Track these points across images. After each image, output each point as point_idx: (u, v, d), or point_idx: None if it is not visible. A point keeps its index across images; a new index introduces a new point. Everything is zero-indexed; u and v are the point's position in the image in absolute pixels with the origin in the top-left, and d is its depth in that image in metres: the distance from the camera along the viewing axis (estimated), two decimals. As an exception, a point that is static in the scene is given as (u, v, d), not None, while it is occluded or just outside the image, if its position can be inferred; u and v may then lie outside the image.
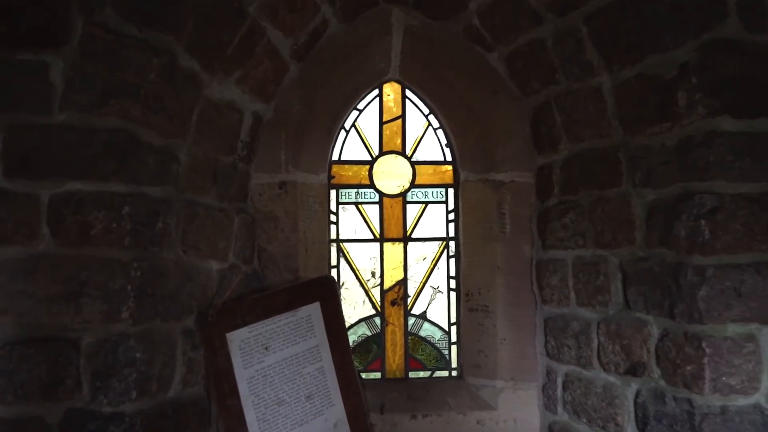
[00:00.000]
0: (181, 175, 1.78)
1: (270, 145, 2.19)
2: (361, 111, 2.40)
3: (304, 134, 2.23)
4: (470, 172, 2.34)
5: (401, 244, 2.39)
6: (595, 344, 2.02)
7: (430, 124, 2.42)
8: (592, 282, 2.03)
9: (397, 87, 2.42)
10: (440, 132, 2.43)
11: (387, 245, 2.38)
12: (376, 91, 2.40)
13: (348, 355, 2.15)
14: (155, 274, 1.60)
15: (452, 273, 2.40)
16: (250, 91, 1.99)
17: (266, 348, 1.96)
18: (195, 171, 1.86)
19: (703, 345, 1.58)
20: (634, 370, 1.82)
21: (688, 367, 1.61)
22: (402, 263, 2.38)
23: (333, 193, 2.34)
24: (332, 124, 2.29)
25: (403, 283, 2.38)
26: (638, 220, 1.84)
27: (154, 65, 1.52)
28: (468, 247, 2.32)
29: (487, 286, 2.28)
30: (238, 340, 1.90)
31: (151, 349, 1.56)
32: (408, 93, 2.41)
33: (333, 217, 2.34)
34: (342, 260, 2.36)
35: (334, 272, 2.33)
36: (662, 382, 1.72)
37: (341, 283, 2.37)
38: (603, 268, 1.97)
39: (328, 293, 2.07)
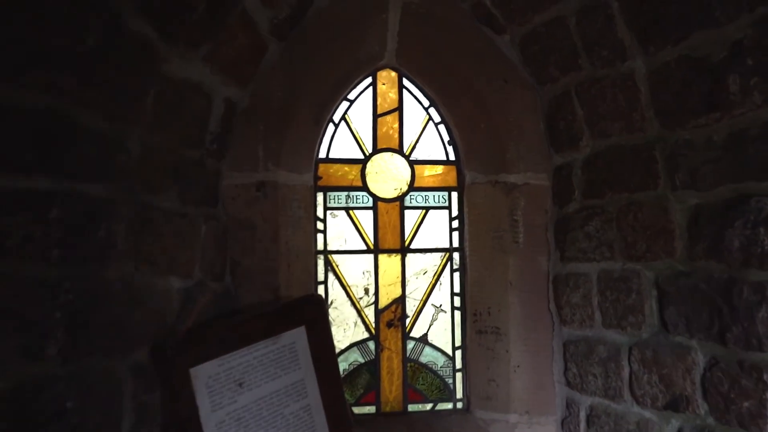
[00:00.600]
0: (131, 171, 1.49)
1: (246, 138, 1.96)
2: (352, 102, 2.21)
3: (287, 127, 2.02)
4: (477, 173, 2.17)
5: (398, 256, 2.21)
6: (626, 373, 1.86)
7: (430, 118, 2.25)
8: (622, 300, 1.86)
9: (394, 75, 2.25)
10: (442, 127, 2.26)
11: (382, 257, 2.20)
12: (369, 79, 2.22)
13: (338, 389, 1.85)
14: (94, 296, 1.32)
15: (457, 289, 2.23)
16: (221, 72, 1.75)
17: (240, 385, 1.63)
18: (150, 166, 1.57)
19: (765, 377, 1.40)
20: (675, 404, 1.66)
21: (745, 403, 1.45)
22: (399, 278, 2.20)
23: (320, 196, 2.15)
24: (319, 116, 2.08)
25: (400, 301, 2.20)
26: (678, 229, 1.67)
27: (92, 26, 1.17)
28: (475, 259, 2.14)
29: (497, 305, 2.11)
30: (204, 376, 1.55)
31: (88, 394, 1.28)
32: (406, 82, 2.24)
33: (320, 225, 2.16)
34: (330, 275, 2.17)
35: (321, 289, 2.14)
36: (710, 420, 1.55)
37: (329, 302, 2.16)
38: (635, 285, 1.82)
39: (316, 316, 1.83)
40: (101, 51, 1.32)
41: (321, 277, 2.15)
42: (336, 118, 2.19)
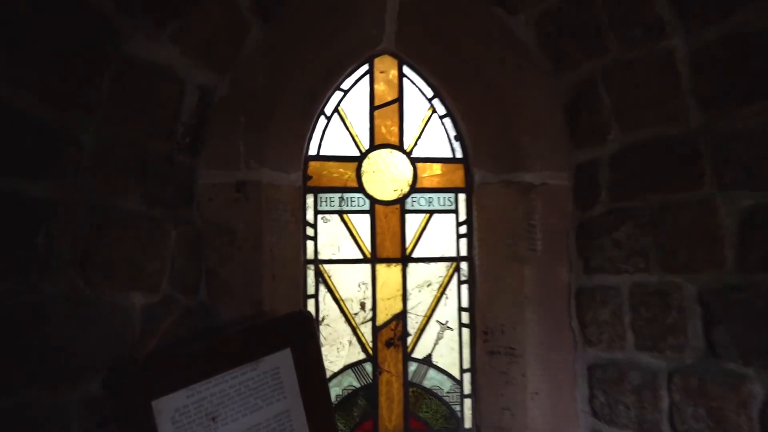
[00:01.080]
0: (85, 167, 1.31)
1: (225, 132, 1.81)
2: (346, 92, 2.07)
3: (271, 119, 1.86)
4: (487, 171, 2.02)
5: (399, 267, 2.05)
6: (665, 404, 1.67)
7: (434, 111, 2.12)
8: (660, 319, 1.68)
9: (393, 62, 2.10)
10: (448, 121, 2.12)
11: (380, 268, 2.04)
12: (365, 67, 2.07)
13: (330, 420, 1.69)
14: (30, 317, 1.15)
15: (465, 304, 2.07)
16: (194, 55, 1.60)
17: (213, 419, 1.44)
18: (109, 162, 1.39)
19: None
20: (728, 444, 1.46)
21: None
22: (400, 291, 2.04)
23: (310, 198, 2.01)
24: (309, 108, 1.94)
25: (401, 317, 2.04)
26: (728, 235, 1.49)
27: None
28: (486, 270, 1.99)
29: (511, 322, 1.94)
30: (170, 410, 1.36)
31: (22, 435, 1.08)
32: (406, 70, 2.10)
33: (310, 231, 2.00)
34: (322, 287, 2.01)
35: (311, 304, 1.99)
36: (771, 464, 1.36)
37: (321, 319, 2.00)
38: (675, 300, 1.63)
39: (303, 335, 1.64)
40: (41, 22, 1.10)
41: (311, 289, 1.99)
42: (328, 110, 2.05)
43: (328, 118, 2.06)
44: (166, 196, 1.63)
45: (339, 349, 2.02)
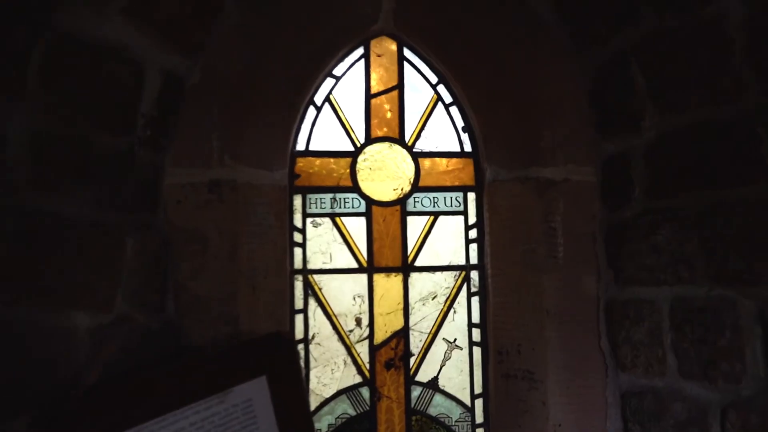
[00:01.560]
0: (12, 164, 1.13)
1: (196, 124, 1.66)
2: (338, 79, 1.91)
3: (251, 110, 1.72)
4: (501, 167, 1.85)
5: (399, 277, 1.89)
6: None
7: (439, 99, 1.96)
8: (709, 340, 1.47)
9: (391, 44, 1.94)
10: (455, 110, 1.97)
11: (379, 278, 1.88)
12: (360, 50, 1.92)
13: None
14: None
15: (476, 319, 1.91)
16: (155, 34, 1.43)
17: None
18: (45, 158, 1.22)
19: None
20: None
21: None
22: (401, 305, 1.88)
23: (297, 199, 1.86)
24: (295, 96, 1.78)
25: (402, 334, 1.87)
26: None
27: None
28: (500, 280, 1.84)
29: (530, 341, 1.78)
30: None
31: None
32: (407, 53, 1.95)
33: (297, 237, 1.85)
34: (311, 301, 1.84)
35: (299, 320, 1.81)
36: None
37: (310, 337, 1.83)
38: (728, 318, 1.42)
39: (282, 360, 1.47)
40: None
41: (299, 303, 1.83)
42: (318, 99, 1.90)
43: (318, 109, 1.90)
44: (122, 198, 1.46)
45: (333, 371, 1.83)
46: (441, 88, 1.94)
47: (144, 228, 1.53)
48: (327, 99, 1.89)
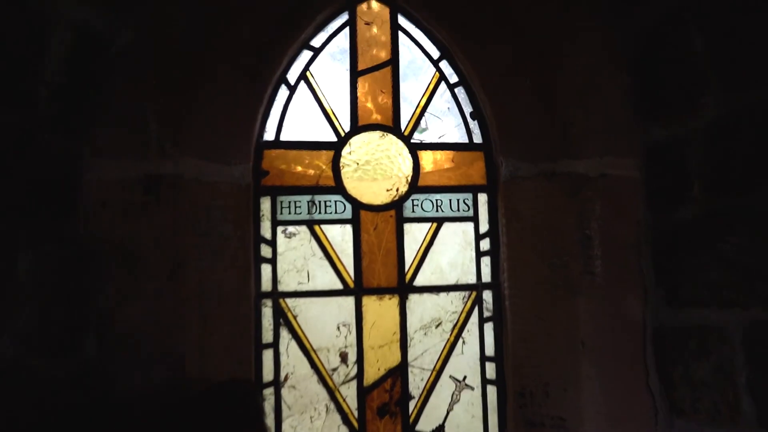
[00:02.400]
0: None
1: (126, 100, 1.42)
2: (317, 51, 1.69)
3: (202, 85, 1.49)
4: (520, 160, 1.66)
5: (395, 299, 1.67)
6: None
7: (443, 77, 1.77)
8: None
9: (383, 9, 1.74)
10: (462, 91, 1.76)
11: (369, 302, 1.66)
12: (345, 16, 1.72)
13: None
14: None
15: (491, 351, 1.72)
16: None
17: None
18: None
19: None
20: None
21: None
22: (397, 335, 1.66)
23: (265, 202, 1.63)
24: (261, 70, 1.55)
25: (399, 372, 1.67)
26: None
27: None
28: (520, 302, 1.65)
29: (560, 379, 1.61)
30: None
31: None
32: (403, 20, 1.75)
33: (265, 250, 1.62)
34: (284, 332, 1.60)
35: (267, 357, 1.57)
36: None
37: (282, 378, 1.59)
38: None
39: (241, 420, 1.16)
40: None
41: (267, 336, 1.58)
42: (291, 76, 1.67)
43: (292, 88, 1.67)
44: (11, 199, 1.14)
45: (313, 419, 1.57)
46: (444, 65, 1.76)
47: (49, 239, 1.25)
48: (303, 76, 1.67)
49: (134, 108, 1.40)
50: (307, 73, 1.66)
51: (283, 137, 1.64)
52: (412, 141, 1.72)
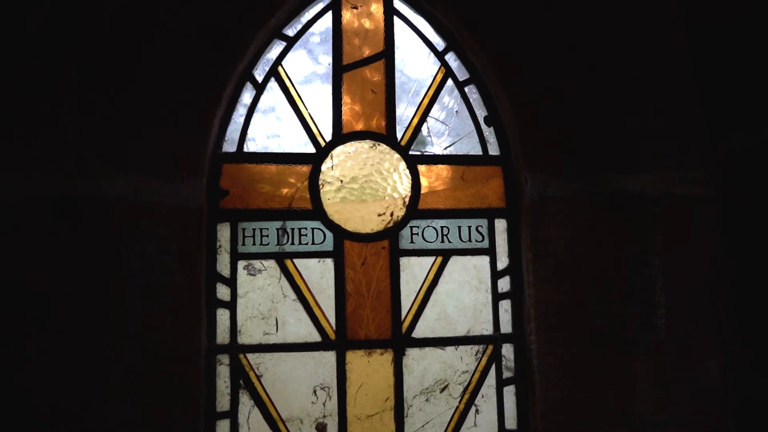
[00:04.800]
0: None
1: (37, 97, 1.16)
2: (291, 41, 1.45)
3: (137, 79, 1.22)
4: (552, 175, 1.38)
5: (389, 355, 1.40)
6: None
7: (449, 74, 1.51)
8: None
9: None
10: (473, 90, 1.50)
11: (355, 358, 1.39)
12: None
13: None
14: None
15: (511, 424, 1.43)
16: None
17: None
18: None
19: None
20: None
21: None
22: (391, 401, 1.39)
23: (223, 229, 1.38)
24: (216, 62, 1.28)
25: None
26: None
27: None
28: (554, 361, 1.35)
29: None
30: None
31: None
32: (399, 4, 1.48)
33: (222, 291, 1.36)
34: (244, 397, 1.33)
35: (223, 428, 1.30)
36: None
37: None
38: None
39: None
40: None
41: (223, 403, 1.32)
42: (259, 73, 1.43)
43: (260, 87, 1.42)
44: None
45: None
46: (451, 58, 1.49)
47: None
48: (273, 71, 1.42)
49: (48, 107, 1.17)
50: (279, 69, 1.41)
51: (247, 148, 1.40)
52: (410, 153, 1.46)
